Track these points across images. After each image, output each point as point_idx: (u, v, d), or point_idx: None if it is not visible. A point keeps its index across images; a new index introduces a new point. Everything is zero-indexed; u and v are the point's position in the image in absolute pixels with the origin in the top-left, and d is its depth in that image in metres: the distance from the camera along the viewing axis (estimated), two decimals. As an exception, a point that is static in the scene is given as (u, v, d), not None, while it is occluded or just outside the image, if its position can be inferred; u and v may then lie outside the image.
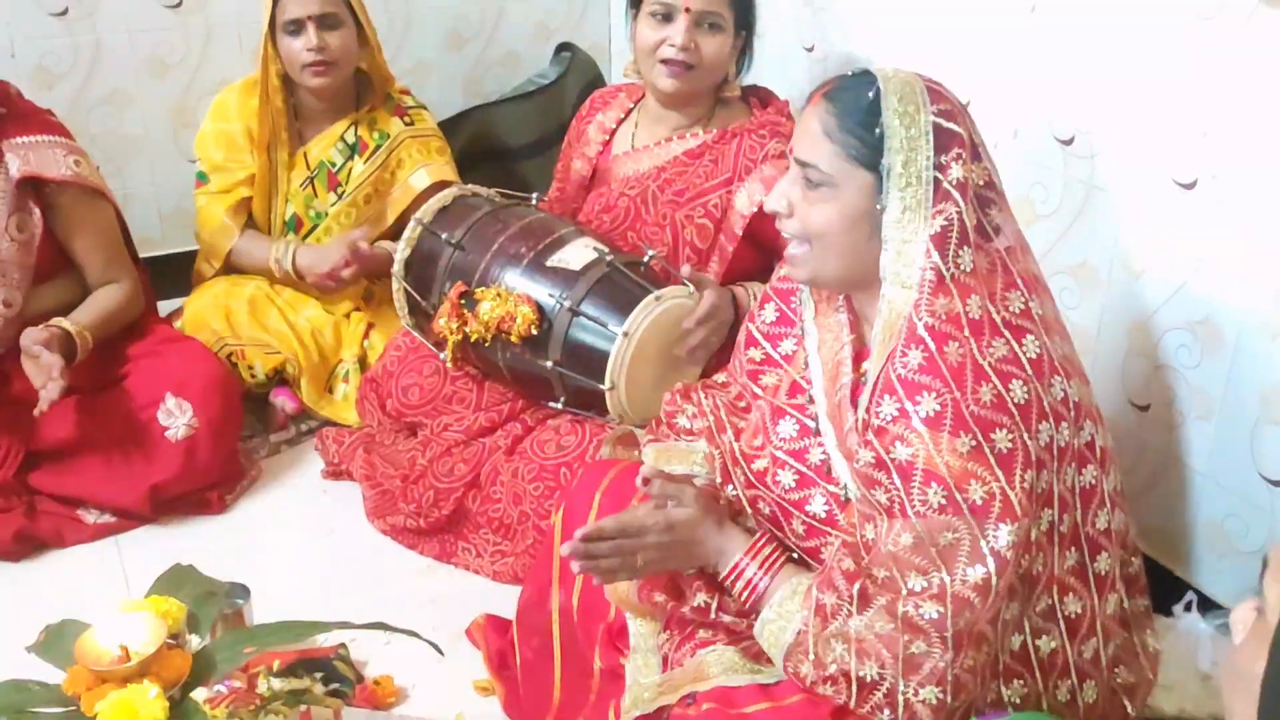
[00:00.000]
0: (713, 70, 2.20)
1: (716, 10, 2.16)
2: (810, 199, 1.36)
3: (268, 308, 2.66)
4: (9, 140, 2.27)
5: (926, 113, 1.32)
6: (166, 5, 2.99)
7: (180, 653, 1.40)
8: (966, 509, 1.23)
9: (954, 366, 1.26)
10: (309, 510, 2.38)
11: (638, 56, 2.23)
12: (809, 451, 1.46)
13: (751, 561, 1.41)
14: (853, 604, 1.27)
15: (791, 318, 1.56)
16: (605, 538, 1.42)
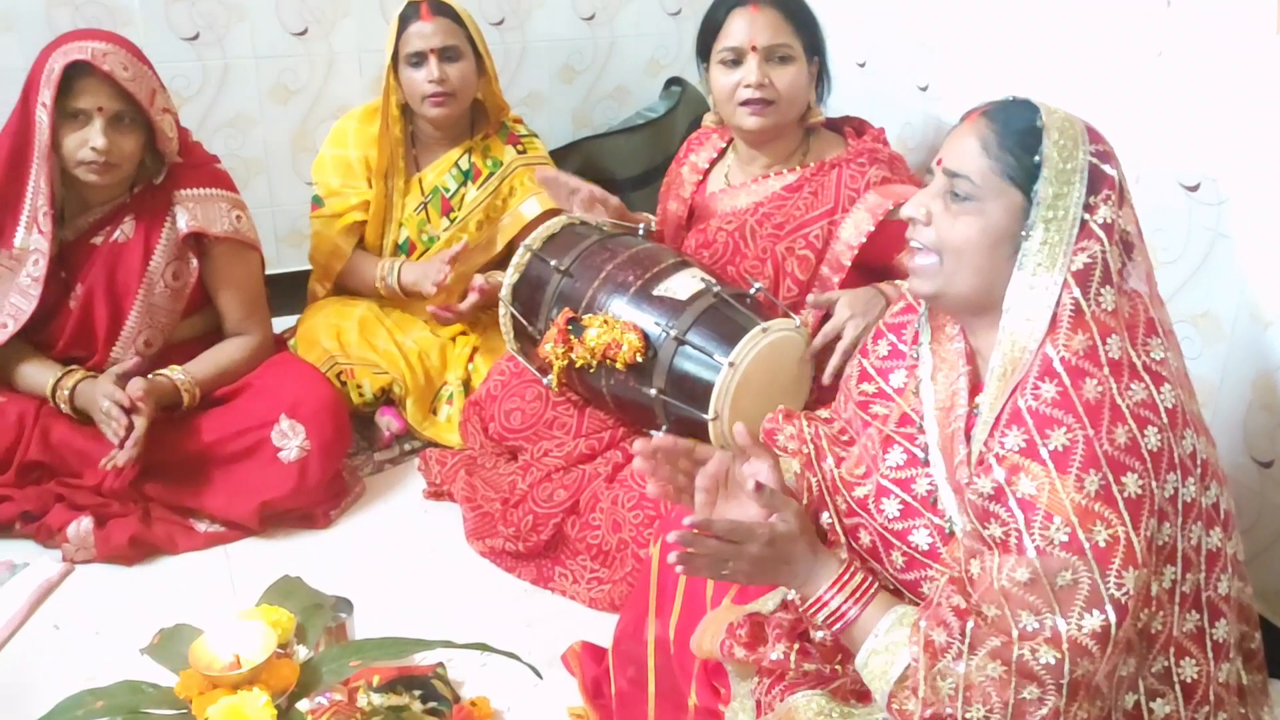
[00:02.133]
0: (793, 102, 2.21)
1: (783, 42, 2.18)
2: (953, 211, 1.35)
3: (377, 329, 2.72)
4: (180, 191, 2.37)
5: (1084, 151, 1.31)
6: (293, 33, 3.09)
7: (289, 662, 1.42)
8: (1089, 550, 1.20)
9: (1090, 403, 1.24)
10: (410, 529, 2.41)
11: (717, 104, 2.26)
12: (915, 482, 1.44)
13: (839, 593, 1.38)
14: (963, 642, 1.25)
15: (903, 350, 1.55)
16: (713, 535, 1.40)
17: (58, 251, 2.35)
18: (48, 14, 2.86)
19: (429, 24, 2.59)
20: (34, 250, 2.32)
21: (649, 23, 3.41)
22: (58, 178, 2.32)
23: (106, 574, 2.25)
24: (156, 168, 2.37)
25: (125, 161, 2.28)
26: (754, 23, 2.17)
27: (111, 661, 1.77)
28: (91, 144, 2.22)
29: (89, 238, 2.38)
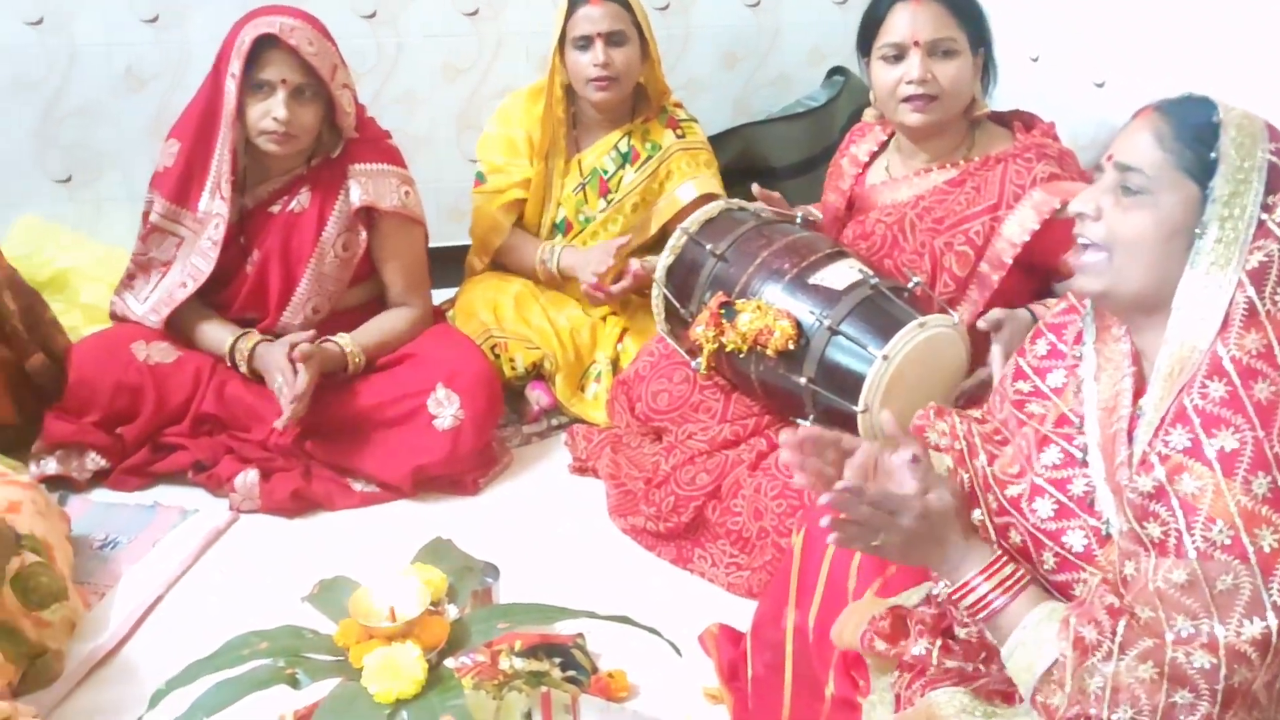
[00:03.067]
0: (957, 96, 2.16)
1: (947, 36, 2.13)
2: (1124, 204, 1.32)
3: (532, 304, 2.78)
4: (354, 165, 2.46)
5: (1264, 149, 1.26)
6: (464, 13, 3.17)
7: (440, 620, 1.46)
8: (1253, 555, 1.16)
9: (1261, 404, 1.20)
10: (554, 501, 2.46)
11: (878, 99, 2.22)
12: (1072, 482, 1.41)
13: (986, 580, 1.35)
14: (1114, 641, 1.21)
15: (1062, 350, 1.51)
16: (865, 501, 1.38)
17: (238, 218, 2.47)
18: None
19: (597, 8, 2.63)
20: (215, 215, 2.45)
21: (814, 11, 3.39)
22: (241, 147, 2.44)
23: (269, 524, 2.37)
24: (333, 141, 2.47)
25: (304, 133, 2.38)
26: (916, 17, 2.13)
27: (272, 607, 1.85)
28: (274, 114, 2.32)
29: (267, 206, 2.49)
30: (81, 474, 2.42)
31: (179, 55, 3.05)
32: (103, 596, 2.11)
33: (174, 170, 2.47)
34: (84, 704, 1.88)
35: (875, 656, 1.51)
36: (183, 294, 2.47)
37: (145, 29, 3.02)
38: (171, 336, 2.51)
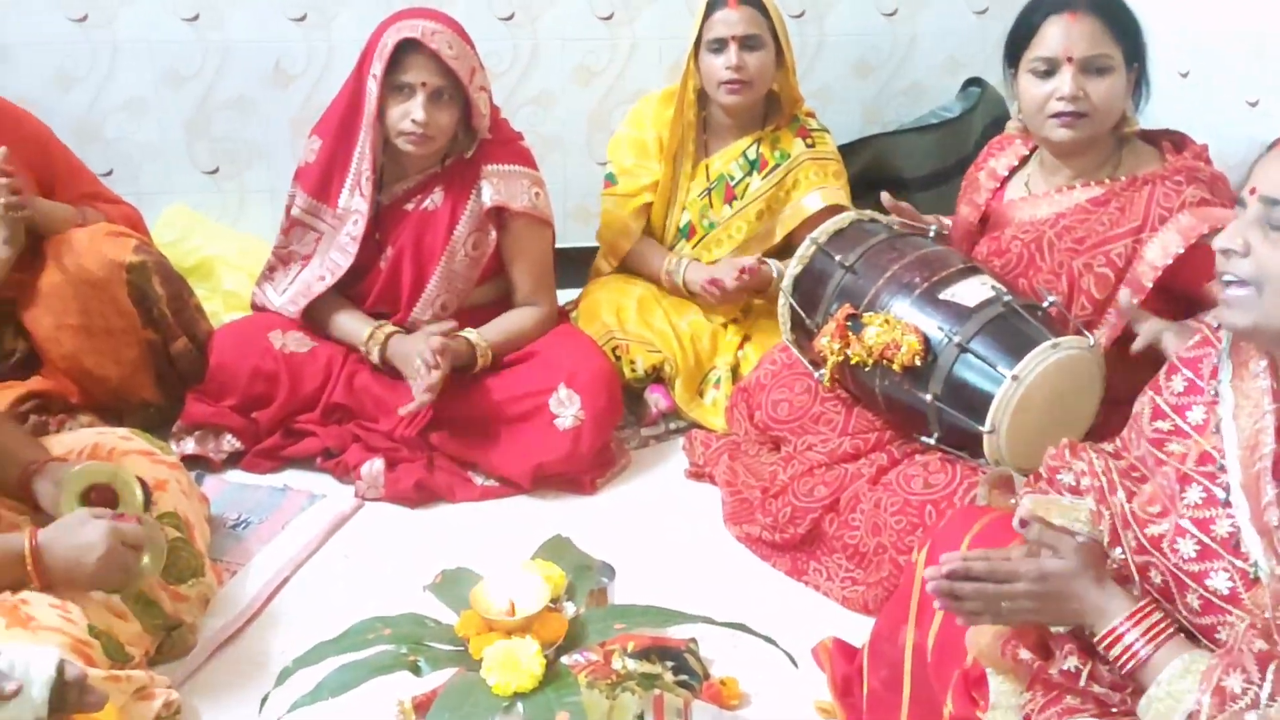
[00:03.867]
0: (1108, 114, 2.09)
1: (1102, 52, 2.05)
2: (1273, 240, 1.27)
3: (654, 308, 2.80)
4: (487, 166, 2.51)
5: None
6: (600, 17, 3.20)
7: (559, 617, 1.49)
8: None
9: None
10: (670, 505, 2.47)
11: (1024, 113, 2.16)
12: (1215, 523, 1.36)
13: (1134, 627, 1.32)
14: (1261, 688, 1.17)
15: (1200, 385, 1.46)
16: (972, 577, 1.37)
17: (375, 214, 2.54)
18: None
19: (735, 12, 2.63)
20: (354, 211, 2.52)
21: (952, 20, 3.33)
22: (380, 146, 2.51)
23: (392, 513, 2.43)
24: (468, 142, 2.53)
25: (441, 134, 2.44)
26: (1071, 32, 2.06)
27: (392, 593, 1.90)
28: (412, 116, 2.38)
29: (402, 204, 2.56)
30: (217, 455, 2.52)
31: (325, 53, 3.15)
32: (235, 574, 2.19)
33: (316, 166, 2.55)
34: (214, 677, 1.96)
35: (1013, 669, 1.47)
36: (320, 287, 2.55)
37: (294, 27, 3.13)
38: (307, 327, 2.59)
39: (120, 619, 1.81)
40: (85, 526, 1.68)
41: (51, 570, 1.66)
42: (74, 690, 1.36)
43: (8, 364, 2.50)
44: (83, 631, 1.64)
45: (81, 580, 1.70)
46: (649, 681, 1.66)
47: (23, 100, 2.63)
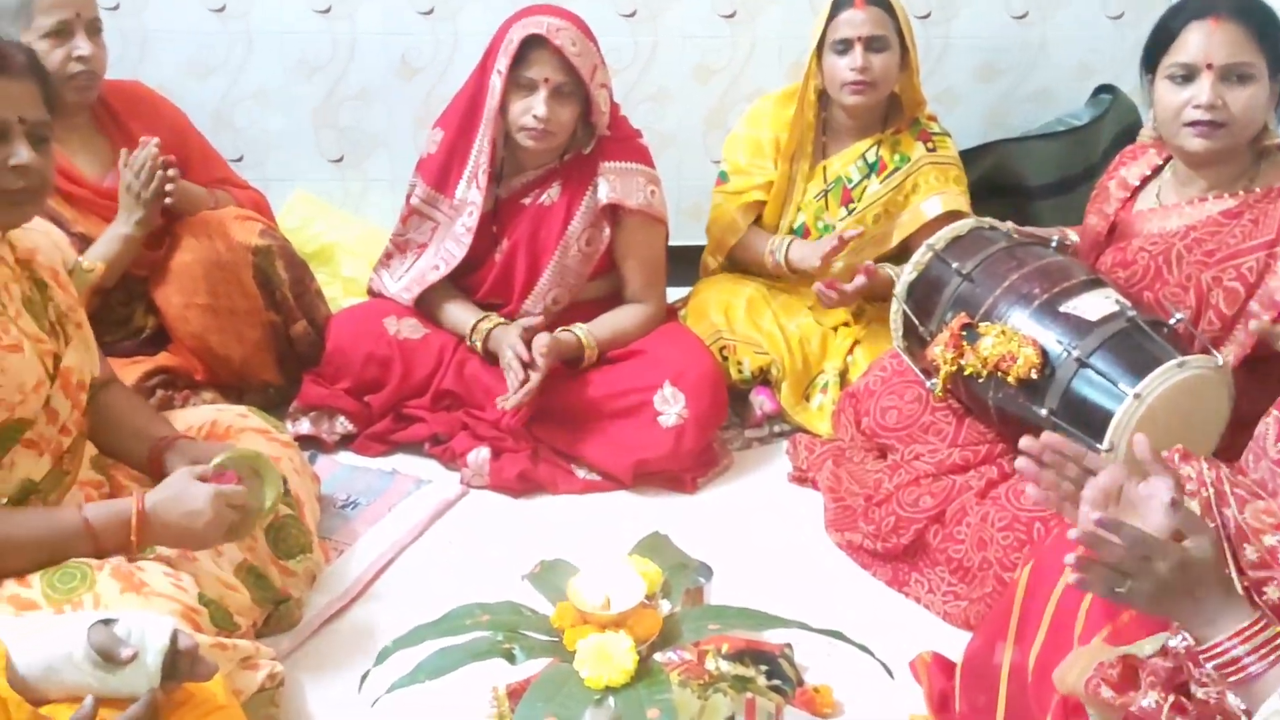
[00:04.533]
0: (1247, 125, 2.01)
1: (1244, 60, 1.97)
2: None
3: (764, 309, 2.78)
4: (605, 163, 2.53)
5: None
6: (722, 15, 3.19)
7: (653, 614, 1.48)
8: None
9: None
10: (771, 508, 2.45)
11: (1159, 121, 2.08)
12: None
13: (1243, 644, 1.25)
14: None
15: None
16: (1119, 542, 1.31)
17: (491, 207, 2.58)
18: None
19: (860, 12, 2.59)
20: (470, 203, 2.56)
21: (1085, 25, 3.24)
22: (500, 140, 2.54)
23: (495, 501, 2.46)
24: (587, 138, 2.54)
25: (561, 130, 2.46)
26: (1213, 38, 1.98)
27: (492, 580, 1.93)
28: (534, 112, 2.41)
29: (519, 197, 2.59)
30: (330, 436, 2.59)
31: (449, 46, 3.20)
32: (341, 553, 2.24)
33: (436, 158, 2.60)
34: (317, 652, 2.01)
35: (1099, 705, 1.43)
36: (435, 276, 2.60)
37: (421, 20, 3.19)
38: (420, 315, 2.64)
39: (231, 590, 1.86)
40: (190, 491, 1.73)
41: (160, 534, 1.72)
42: (186, 659, 1.40)
43: (138, 340, 2.60)
44: (193, 599, 1.70)
45: (188, 542, 1.76)
46: (742, 684, 1.66)
47: (162, 87, 2.74)
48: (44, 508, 1.74)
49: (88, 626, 1.34)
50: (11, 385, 1.66)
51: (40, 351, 1.73)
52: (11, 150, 1.63)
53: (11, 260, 1.76)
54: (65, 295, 1.84)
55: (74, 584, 1.62)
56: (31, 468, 1.74)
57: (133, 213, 2.39)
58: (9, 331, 1.68)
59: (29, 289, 1.77)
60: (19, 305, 1.74)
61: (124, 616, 1.39)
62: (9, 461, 1.71)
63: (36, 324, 1.75)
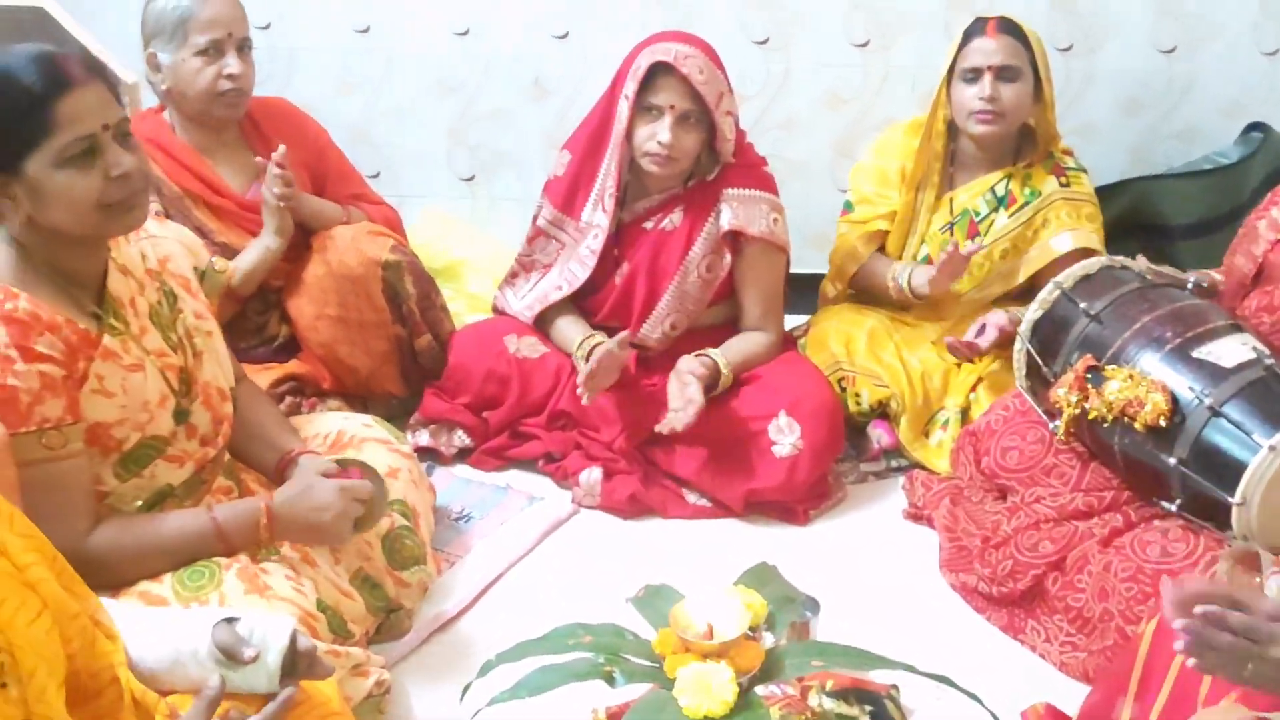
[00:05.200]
0: None
1: None
2: None
3: (885, 341, 2.73)
4: (728, 190, 2.53)
5: None
6: (854, 44, 3.17)
7: (756, 646, 1.48)
8: None
9: None
10: (884, 544, 2.41)
11: None
12: None
13: None
14: None
15: None
16: (1228, 628, 1.25)
17: (615, 230, 2.60)
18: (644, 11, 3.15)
19: (992, 41, 2.55)
20: (595, 225, 2.59)
21: (1237, 60, 3.11)
22: (626, 164, 2.56)
23: (605, 522, 2.48)
24: (711, 164, 2.55)
25: (684, 157, 2.47)
26: None
27: (597, 600, 1.94)
28: (658, 138, 2.43)
29: (642, 222, 2.61)
30: (448, 449, 2.64)
31: (581, 70, 3.25)
32: (453, 565, 2.29)
33: (563, 180, 2.64)
34: (424, 662, 2.05)
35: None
36: (556, 296, 2.63)
37: (555, 44, 3.25)
38: (540, 334, 2.68)
39: (346, 597, 1.92)
40: (317, 486, 1.79)
41: (289, 529, 1.79)
42: (304, 660, 1.44)
43: (271, 347, 2.70)
44: (311, 605, 1.75)
45: (316, 536, 1.82)
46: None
47: (306, 104, 2.85)
48: (175, 511, 1.80)
49: (212, 625, 1.39)
50: (135, 404, 1.71)
51: (163, 366, 1.77)
52: (110, 160, 1.59)
53: (141, 271, 1.80)
54: (196, 303, 1.89)
55: (202, 583, 1.69)
56: (172, 476, 1.81)
57: (270, 223, 2.49)
58: (130, 351, 1.72)
59: (158, 299, 1.81)
60: (144, 320, 1.77)
61: (245, 615, 1.44)
62: (149, 473, 1.78)
63: (163, 336, 1.79)
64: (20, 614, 1.20)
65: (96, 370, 1.67)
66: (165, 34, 2.43)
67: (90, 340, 1.67)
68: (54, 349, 1.62)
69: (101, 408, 1.68)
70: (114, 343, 1.70)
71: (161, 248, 1.87)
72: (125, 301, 1.75)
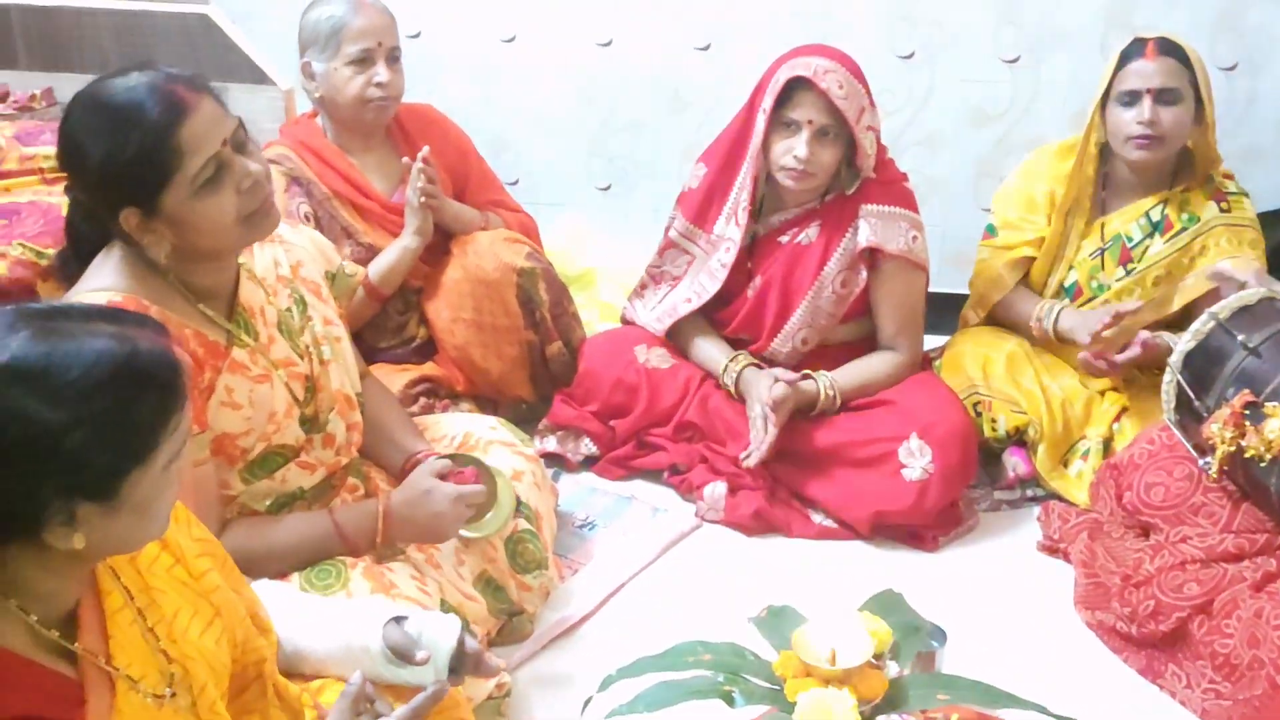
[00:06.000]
0: None
1: None
2: None
3: (1025, 367, 2.64)
4: (866, 206, 2.49)
5: None
6: (1004, 59, 3.09)
7: (879, 675, 1.44)
8: None
9: None
10: (1016, 576, 2.33)
11: None
12: None
13: None
14: None
15: None
16: None
17: (748, 243, 2.59)
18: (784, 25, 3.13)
19: (1152, 62, 2.45)
20: (728, 239, 2.58)
21: None
22: (762, 178, 2.54)
23: (728, 537, 2.45)
24: (849, 180, 2.51)
25: (821, 172, 2.44)
26: None
27: (717, 617, 1.92)
28: (795, 152, 2.40)
29: (776, 236, 2.58)
30: (574, 456, 2.66)
31: (720, 83, 3.25)
32: (575, 572, 2.30)
33: (697, 192, 2.63)
34: (544, 667, 2.06)
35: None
36: (686, 309, 2.63)
37: (697, 56, 3.25)
38: (670, 345, 2.67)
39: (469, 600, 1.94)
40: (433, 493, 1.82)
41: (403, 532, 1.82)
42: (470, 660, 1.47)
43: (409, 348, 2.76)
44: (435, 605, 1.78)
45: (429, 539, 1.85)
46: (969, 760, 1.57)
47: (450, 110, 2.90)
48: (297, 514, 1.84)
49: (382, 624, 1.43)
50: (261, 416, 1.74)
51: (289, 376, 1.79)
52: (238, 173, 1.59)
53: (273, 278, 1.82)
54: (325, 309, 1.90)
55: (329, 580, 1.73)
56: (303, 481, 1.86)
57: (410, 223, 2.55)
58: (257, 363, 1.75)
59: (288, 306, 1.83)
60: (272, 329, 1.78)
61: (414, 615, 1.47)
62: (280, 476, 1.82)
63: (290, 344, 1.80)
64: (194, 624, 1.23)
65: (225, 383, 1.69)
66: (319, 44, 2.51)
67: (219, 352, 1.69)
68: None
69: (228, 419, 1.71)
70: (242, 355, 1.72)
71: (294, 254, 1.89)
72: (255, 310, 1.76)
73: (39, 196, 2.55)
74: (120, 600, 1.18)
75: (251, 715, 1.34)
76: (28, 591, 1.08)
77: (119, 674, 1.14)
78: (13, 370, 0.99)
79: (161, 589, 1.22)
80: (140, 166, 1.52)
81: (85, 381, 1.00)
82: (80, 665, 1.12)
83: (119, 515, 1.07)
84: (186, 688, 1.20)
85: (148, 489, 1.08)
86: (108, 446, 1.03)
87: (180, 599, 1.24)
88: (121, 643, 1.16)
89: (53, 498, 1.01)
